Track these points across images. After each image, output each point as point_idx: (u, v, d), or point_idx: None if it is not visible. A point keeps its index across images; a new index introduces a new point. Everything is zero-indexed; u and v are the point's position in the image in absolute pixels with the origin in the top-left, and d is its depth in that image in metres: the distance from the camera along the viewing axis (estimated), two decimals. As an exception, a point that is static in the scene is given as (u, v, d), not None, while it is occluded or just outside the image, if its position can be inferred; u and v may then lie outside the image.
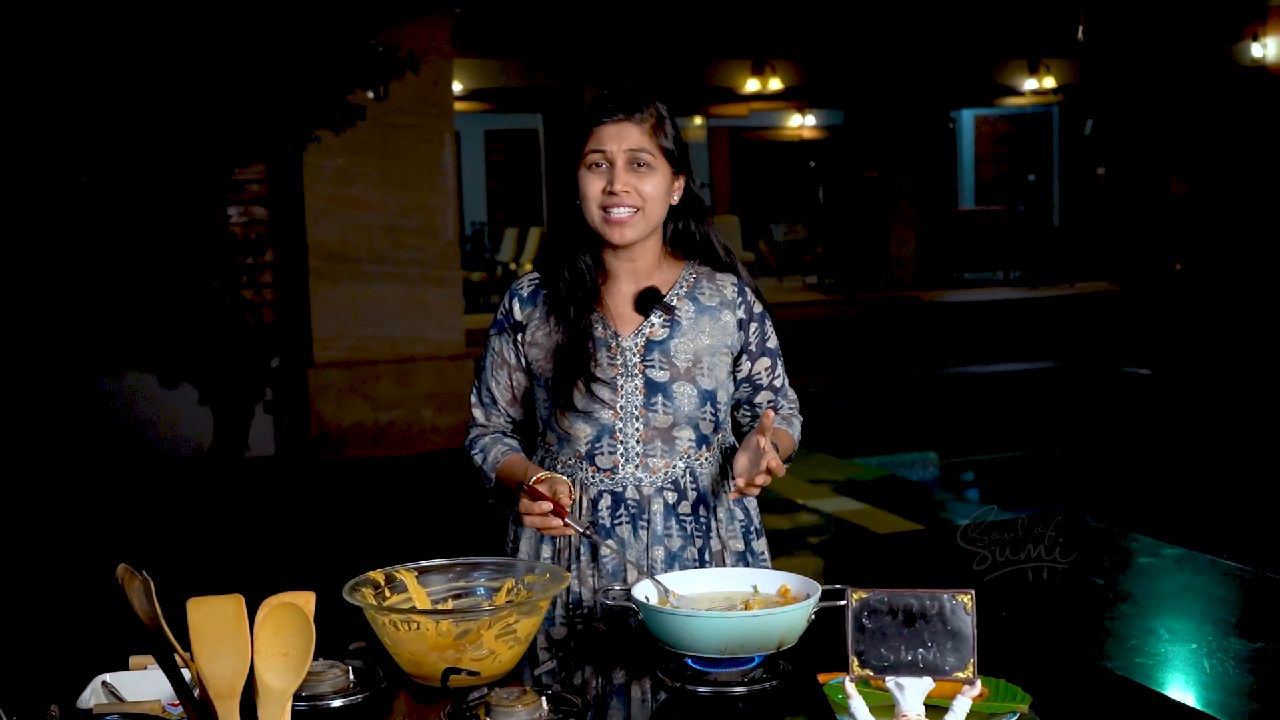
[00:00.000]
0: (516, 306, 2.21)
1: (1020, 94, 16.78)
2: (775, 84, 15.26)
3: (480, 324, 11.96)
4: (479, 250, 17.38)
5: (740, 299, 2.21)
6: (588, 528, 2.05)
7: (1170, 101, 15.29)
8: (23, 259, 7.27)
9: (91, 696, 1.76)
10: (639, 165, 2.08)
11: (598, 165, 2.09)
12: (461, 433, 2.30)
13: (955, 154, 19.90)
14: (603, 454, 2.14)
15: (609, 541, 2.13)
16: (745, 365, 2.22)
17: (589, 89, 14.33)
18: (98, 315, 7.50)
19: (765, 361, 2.23)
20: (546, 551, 2.20)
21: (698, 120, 18.13)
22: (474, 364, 2.32)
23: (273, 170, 7.89)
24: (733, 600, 1.89)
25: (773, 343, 2.24)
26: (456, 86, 10.28)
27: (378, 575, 1.89)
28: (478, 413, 2.33)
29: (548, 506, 1.97)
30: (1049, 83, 16.22)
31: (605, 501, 2.14)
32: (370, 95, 7.51)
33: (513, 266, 16.11)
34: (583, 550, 2.15)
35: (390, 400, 8.03)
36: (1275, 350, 11.04)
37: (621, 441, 2.14)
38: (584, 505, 2.15)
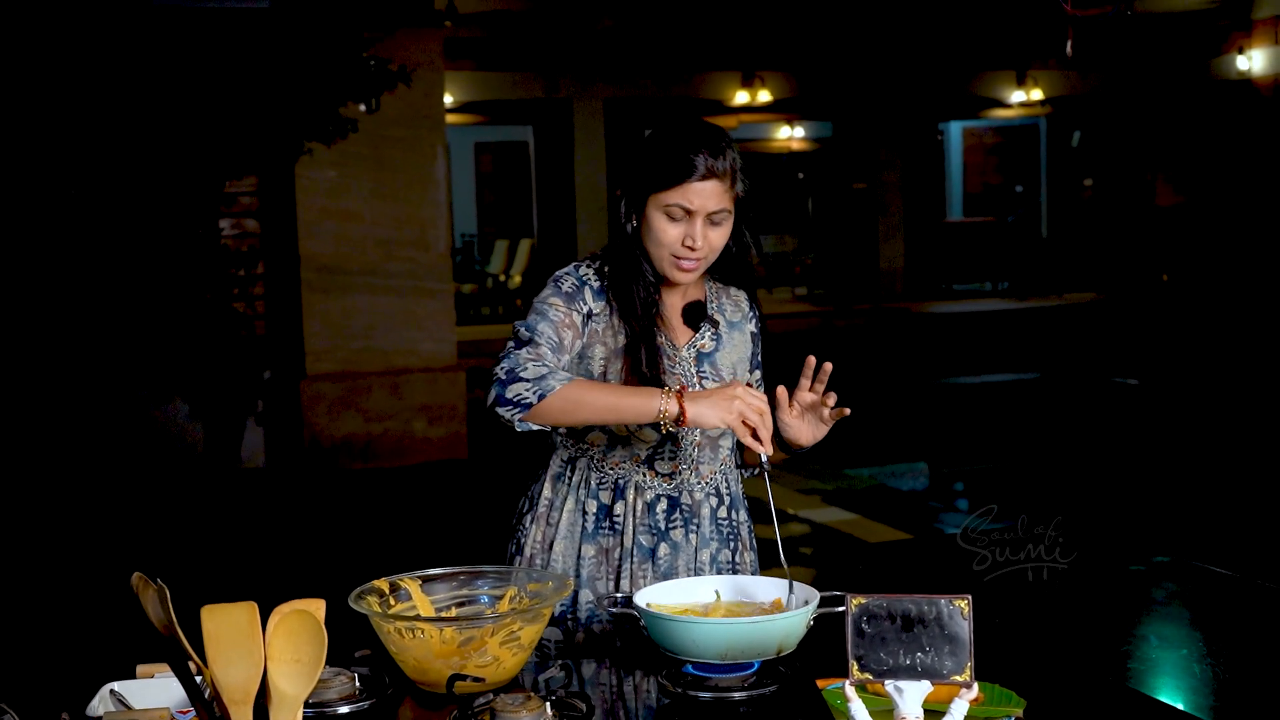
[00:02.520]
0: (589, 295, 2.15)
1: (1008, 106, 16.86)
2: (764, 96, 15.31)
3: (472, 335, 11.84)
4: (469, 262, 17.40)
5: (753, 313, 2.29)
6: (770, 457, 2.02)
7: (1157, 114, 15.39)
8: (12, 272, 7.27)
9: (100, 705, 1.78)
10: (714, 222, 2.10)
11: (676, 217, 2.09)
12: (454, 443, 2.22)
13: (943, 166, 19.99)
14: (663, 459, 2.17)
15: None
16: (747, 376, 2.27)
17: (578, 100, 14.40)
18: (88, 328, 7.50)
19: (758, 374, 2.31)
20: (590, 550, 2.17)
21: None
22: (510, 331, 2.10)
23: (264, 183, 7.90)
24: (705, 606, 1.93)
25: (761, 356, 2.32)
26: (447, 99, 10.32)
27: (382, 584, 1.92)
28: (540, 337, 2.04)
29: (765, 402, 1.96)
30: (1036, 95, 16.30)
31: (662, 505, 2.17)
32: (362, 108, 7.53)
33: (502, 278, 16.13)
34: (636, 551, 2.16)
35: (382, 412, 8.04)
36: (1261, 360, 11.11)
37: (683, 448, 2.17)
38: (639, 508, 2.16)
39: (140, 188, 7.34)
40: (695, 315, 2.22)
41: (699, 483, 2.19)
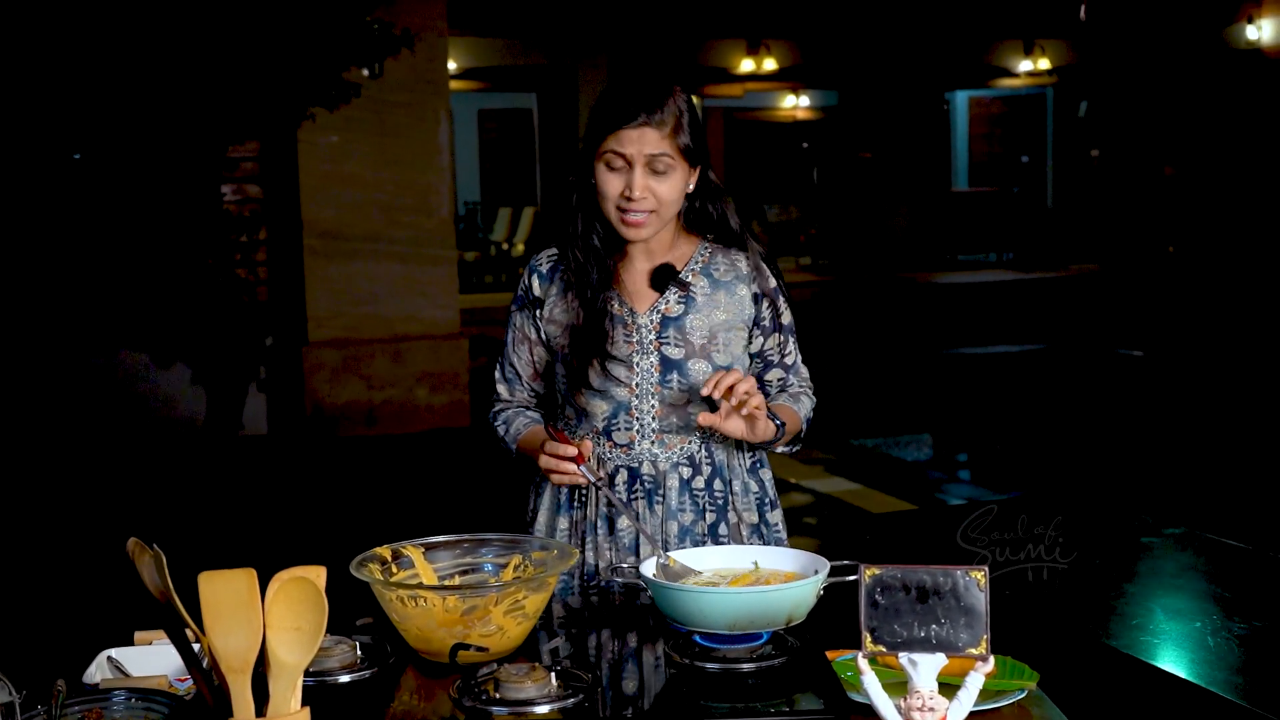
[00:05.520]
0: (535, 282, 2.23)
1: (1015, 75, 16.77)
2: (770, 64, 15.23)
3: (474, 304, 11.81)
4: (472, 230, 17.35)
5: (754, 274, 2.20)
6: (600, 479, 2.07)
7: (1165, 84, 15.29)
8: (16, 237, 7.24)
9: (97, 671, 1.75)
10: (657, 170, 2.07)
11: (615, 166, 2.08)
12: (456, 411, 2.29)
13: (949, 135, 19.87)
14: (619, 430, 2.15)
15: (624, 514, 2.12)
16: (757, 340, 2.22)
17: (582, 68, 14.31)
18: (91, 293, 7.47)
19: (777, 337, 2.23)
20: (563, 523, 2.19)
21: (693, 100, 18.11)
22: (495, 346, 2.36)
23: (267, 148, 7.85)
24: (729, 577, 1.89)
25: (786, 319, 2.23)
26: (451, 65, 10.24)
27: (384, 551, 1.89)
28: (501, 388, 2.31)
29: (572, 451, 2.01)
30: (1043, 64, 16.21)
31: (622, 476, 2.15)
32: (365, 73, 7.46)
33: (505, 246, 16.08)
34: (599, 524, 2.15)
35: (384, 379, 8.01)
36: (1266, 332, 11.07)
37: (637, 418, 2.14)
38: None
39: (143, 152, 7.29)
40: (663, 279, 2.17)
41: (664, 453, 2.15)
